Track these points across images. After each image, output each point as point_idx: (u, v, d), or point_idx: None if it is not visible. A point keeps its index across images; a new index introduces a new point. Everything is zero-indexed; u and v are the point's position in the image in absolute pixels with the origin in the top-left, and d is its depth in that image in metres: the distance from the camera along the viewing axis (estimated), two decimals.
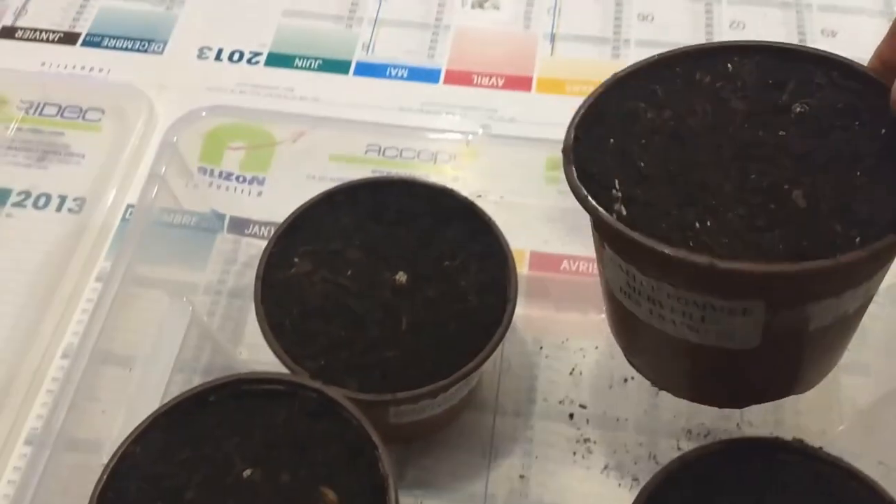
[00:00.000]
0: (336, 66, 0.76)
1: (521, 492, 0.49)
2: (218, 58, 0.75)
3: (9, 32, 0.68)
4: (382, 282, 0.43)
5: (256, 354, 0.58)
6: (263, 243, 0.46)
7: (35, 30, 0.73)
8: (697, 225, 0.32)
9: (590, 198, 0.33)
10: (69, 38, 0.68)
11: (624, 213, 0.33)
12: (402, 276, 0.44)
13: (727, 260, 0.30)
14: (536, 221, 0.65)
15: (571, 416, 0.56)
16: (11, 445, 0.47)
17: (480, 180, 0.64)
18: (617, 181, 0.34)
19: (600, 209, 0.33)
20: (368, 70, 0.76)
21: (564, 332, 0.59)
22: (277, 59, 0.76)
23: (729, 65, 0.37)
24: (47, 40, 0.68)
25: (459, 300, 0.43)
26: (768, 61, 0.37)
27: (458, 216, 0.46)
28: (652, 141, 0.35)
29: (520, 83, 0.74)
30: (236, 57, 0.76)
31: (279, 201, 0.47)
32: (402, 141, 0.68)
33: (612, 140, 0.36)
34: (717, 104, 0.36)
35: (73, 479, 0.48)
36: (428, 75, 0.75)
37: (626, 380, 0.53)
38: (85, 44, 0.68)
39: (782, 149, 0.34)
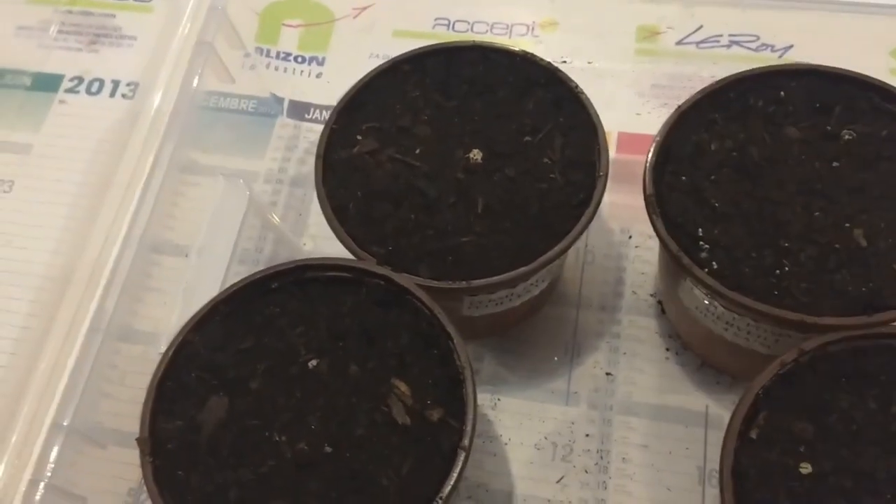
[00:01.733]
0: None
1: (607, 390, 0.47)
2: None
3: None
4: (455, 160, 0.40)
5: (321, 245, 0.56)
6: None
7: None
8: (777, 271, 0.36)
9: (685, 256, 0.37)
10: None
11: (715, 266, 0.37)
12: (476, 154, 0.40)
13: (813, 315, 0.35)
14: (625, 97, 0.60)
15: (664, 309, 0.51)
16: (74, 335, 0.46)
17: (563, 49, 0.58)
18: (700, 229, 0.38)
19: (695, 269, 0.37)
20: None
21: None
22: None
23: (781, 91, 0.42)
24: None
25: (541, 179, 0.39)
26: (815, 85, 0.41)
27: (539, 85, 0.41)
28: (720, 175, 0.39)
29: None
30: None
31: (340, 83, 0.44)
32: (473, 11, 0.62)
33: (684, 178, 0.39)
34: (773, 131, 0.40)
35: (130, 369, 0.47)
36: None
37: None
38: None
39: (838, 182, 0.38)
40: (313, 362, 0.35)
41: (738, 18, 0.61)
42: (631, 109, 0.58)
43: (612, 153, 0.57)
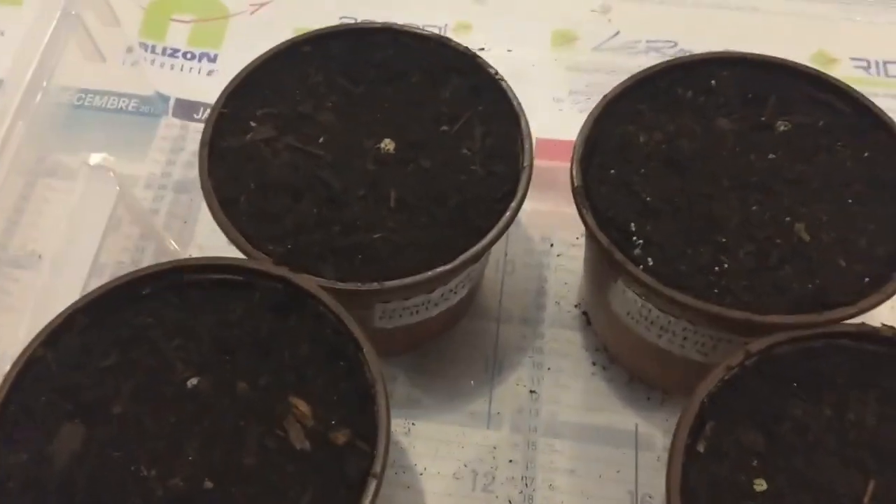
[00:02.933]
0: None
1: (531, 410, 0.44)
2: None
3: None
4: (364, 150, 0.37)
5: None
6: None
7: None
8: (716, 268, 0.34)
9: (617, 251, 0.35)
10: None
11: (650, 263, 0.34)
12: (388, 144, 0.37)
13: (758, 314, 0.33)
14: (543, 103, 0.57)
15: (589, 321, 0.48)
16: None
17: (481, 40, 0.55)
18: (632, 224, 0.35)
19: (629, 265, 0.34)
20: None
21: (578, 228, 0.52)
22: None
23: (712, 80, 0.39)
24: None
25: (461, 171, 0.36)
26: (747, 73, 0.39)
27: (456, 71, 0.37)
28: (650, 169, 0.37)
29: None
30: None
31: None
32: (382, 11, 0.58)
33: (612, 171, 0.37)
34: (704, 123, 0.38)
35: None
36: None
37: None
38: None
39: (776, 175, 0.36)
40: (193, 380, 0.30)
41: (655, 23, 0.59)
42: (549, 115, 0.55)
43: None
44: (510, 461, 0.43)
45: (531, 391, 0.44)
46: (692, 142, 0.37)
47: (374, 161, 0.36)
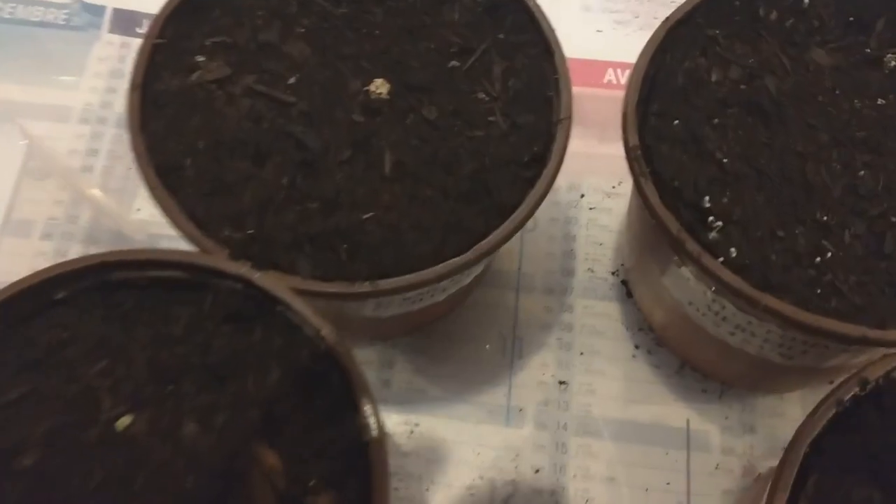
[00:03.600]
0: None
1: (560, 402, 0.38)
2: None
3: None
4: (349, 95, 0.30)
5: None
6: None
7: None
8: (817, 258, 0.28)
9: (690, 240, 0.28)
10: None
11: (733, 254, 0.28)
12: (380, 86, 0.30)
13: (879, 328, 0.27)
14: (568, 13, 0.48)
15: (630, 292, 0.40)
16: None
17: None
18: (706, 197, 0.29)
19: (707, 258, 0.28)
20: None
21: (614, 174, 0.43)
22: None
23: None
24: None
25: (476, 123, 0.29)
26: None
27: None
28: (726, 118, 0.30)
29: None
30: None
31: None
32: None
33: (676, 121, 0.30)
34: (794, 55, 0.31)
35: None
36: None
37: None
38: None
39: (888, 128, 0.29)
40: (124, 420, 0.24)
41: None
42: (576, 29, 0.46)
43: None
44: (536, 471, 0.37)
45: (560, 381, 0.39)
46: (780, 80, 0.30)
47: (363, 110, 0.28)
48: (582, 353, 0.39)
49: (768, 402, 0.38)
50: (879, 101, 0.30)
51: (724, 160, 0.29)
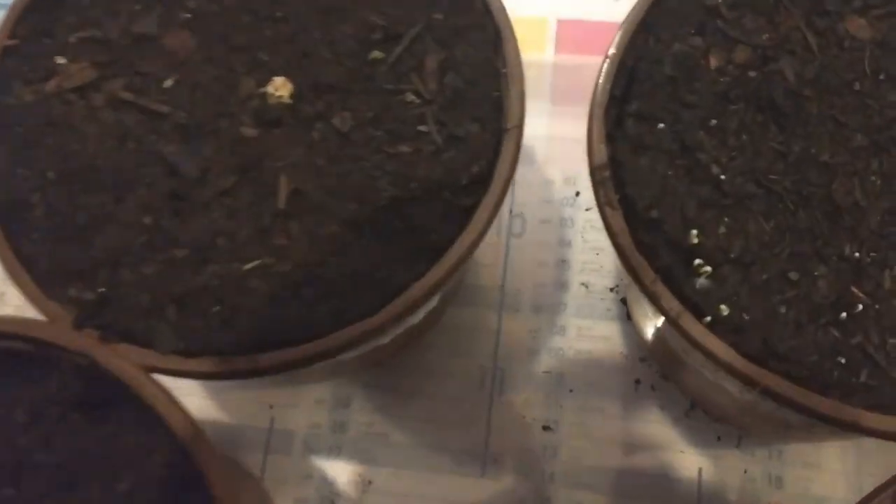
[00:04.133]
0: None
1: (547, 448, 0.33)
2: None
3: None
4: (239, 100, 0.25)
5: None
6: None
7: None
8: (842, 313, 0.21)
9: (667, 294, 0.22)
10: None
11: (724, 312, 0.22)
12: (280, 88, 0.25)
13: None
14: None
15: (629, 313, 0.36)
16: None
17: None
18: (695, 229, 0.22)
19: (692, 328, 0.21)
20: None
21: None
22: None
23: None
24: None
25: (403, 134, 0.24)
26: None
27: None
28: (727, 119, 0.24)
29: None
30: None
31: None
32: None
33: (661, 125, 0.24)
34: (823, 27, 0.24)
35: None
36: None
37: None
38: None
39: None
40: None
41: None
42: None
43: (550, 53, 0.40)
44: None
45: (544, 427, 0.34)
46: (802, 63, 0.24)
47: (255, 120, 0.25)
48: (571, 391, 0.34)
49: (800, 450, 0.33)
50: None
51: (722, 176, 0.23)
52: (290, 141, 0.24)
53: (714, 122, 0.24)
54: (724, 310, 0.21)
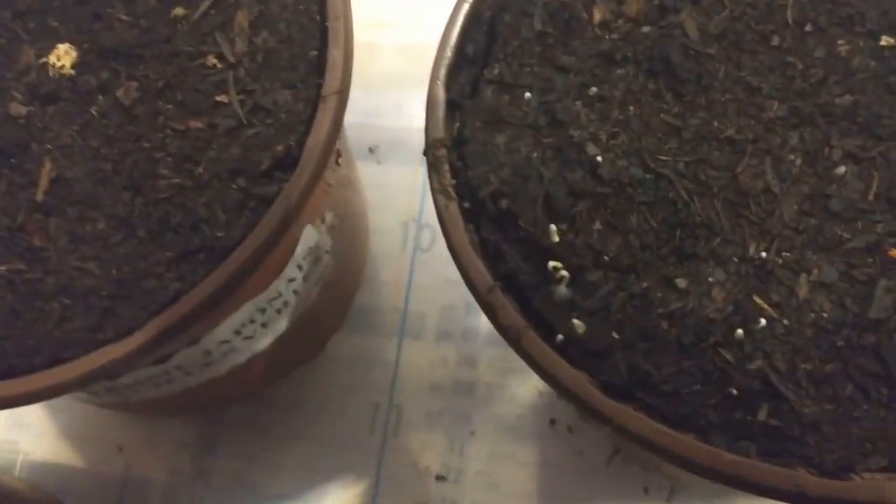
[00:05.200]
0: None
1: (448, 501, 0.29)
2: None
3: None
4: (17, 74, 0.21)
5: None
6: None
7: None
8: (740, 330, 0.17)
9: (505, 307, 0.18)
10: None
11: (581, 329, 0.17)
12: (63, 56, 0.21)
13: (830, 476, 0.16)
14: None
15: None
16: None
17: None
18: (556, 223, 0.18)
19: (534, 348, 0.17)
20: None
21: None
22: None
23: None
24: None
25: (194, 108, 0.21)
26: None
27: None
28: (612, 86, 0.20)
29: None
30: None
31: None
32: None
33: (528, 94, 0.20)
34: None
35: None
36: None
37: None
38: None
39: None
40: None
41: None
42: None
43: None
44: None
45: (438, 477, 0.29)
46: (706, 15, 0.20)
47: (30, 96, 0.21)
48: (473, 433, 0.29)
49: None
50: (884, 41, 0.19)
51: (600, 157, 0.18)
52: (64, 119, 0.20)
53: (594, 90, 0.20)
54: (580, 327, 0.17)
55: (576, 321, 0.17)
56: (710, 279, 0.17)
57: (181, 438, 0.31)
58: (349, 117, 0.23)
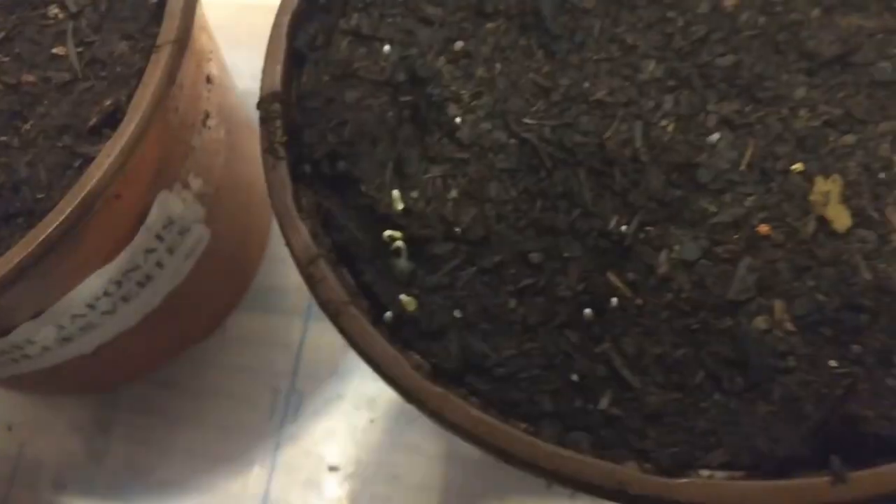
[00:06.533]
0: None
1: (325, 490, 0.28)
2: None
3: None
4: None
5: None
6: None
7: None
8: (588, 310, 0.16)
9: (328, 279, 0.16)
10: None
11: (412, 307, 0.16)
12: None
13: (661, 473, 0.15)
14: None
15: None
16: None
17: None
18: (398, 190, 0.17)
19: (353, 331, 0.16)
20: None
21: None
22: None
23: None
24: None
25: (30, 61, 0.19)
26: None
27: None
28: (479, 41, 0.19)
29: None
30: None
31: None
32: None
33: (387, 47, 0.19)
34: None
35: None
36: None
37: None
38: None
39: (789, 45, 0.18)
40: None
41: None
42: None
43: None
44: None
45: (331, 468, 0.28)
46: None
47: None
48: (373, 421, 0.28)
49: None
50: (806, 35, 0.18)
51: (459, 118, 0.17)
52: None
53: (460, 44, 0.19)
54: (409, 304, 0.16)
55: (403, 297, 0.16)
56: (565, 254, 0.16)
57: (75, 420, 0.30)
58: (245, 83, 0.22)
